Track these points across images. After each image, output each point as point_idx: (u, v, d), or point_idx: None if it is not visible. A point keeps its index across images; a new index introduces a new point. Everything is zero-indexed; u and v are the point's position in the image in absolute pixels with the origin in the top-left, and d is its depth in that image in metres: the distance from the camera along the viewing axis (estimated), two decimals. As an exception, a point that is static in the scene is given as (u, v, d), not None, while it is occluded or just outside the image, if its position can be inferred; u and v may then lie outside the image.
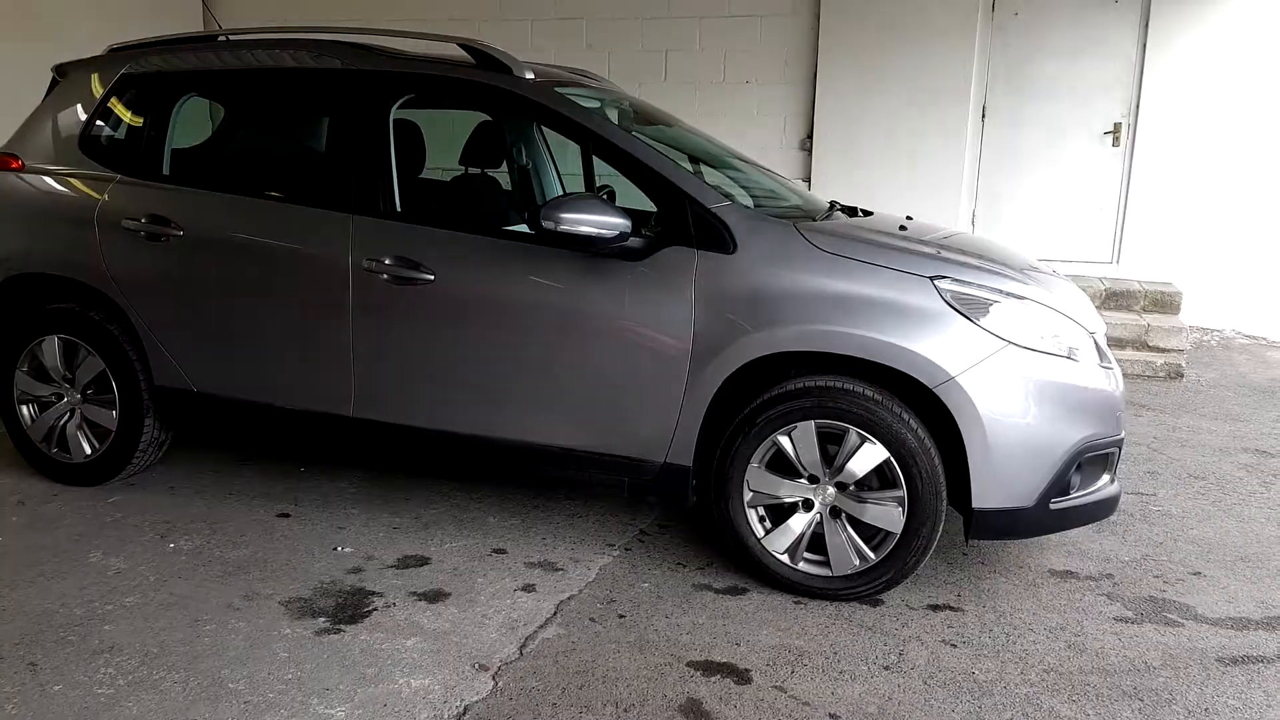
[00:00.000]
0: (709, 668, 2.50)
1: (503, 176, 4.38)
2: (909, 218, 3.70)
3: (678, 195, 2.94)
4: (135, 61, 3.60)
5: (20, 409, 3.66)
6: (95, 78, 3.66)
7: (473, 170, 4.04)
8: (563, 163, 4.74)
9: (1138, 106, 7.17)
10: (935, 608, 2.88)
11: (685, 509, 3.46)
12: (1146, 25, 7.07)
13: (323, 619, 2.70)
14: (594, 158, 3.60)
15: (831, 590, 2.88)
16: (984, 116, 7.51)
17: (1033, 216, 7.46)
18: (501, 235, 3.23)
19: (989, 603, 2.92)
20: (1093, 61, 7.24)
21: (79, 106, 3.65)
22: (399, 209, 3.23)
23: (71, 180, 3.54)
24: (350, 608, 2.77)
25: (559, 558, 3.16)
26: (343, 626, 2.66)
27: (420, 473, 3.85)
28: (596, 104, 3.53)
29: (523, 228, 3.99)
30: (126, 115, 3.59)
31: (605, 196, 3.37)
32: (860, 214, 3.54)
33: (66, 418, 3.61)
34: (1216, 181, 7.02)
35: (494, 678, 2.43)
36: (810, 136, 7.90)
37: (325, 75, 3.34)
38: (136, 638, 2.56)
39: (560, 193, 4.71)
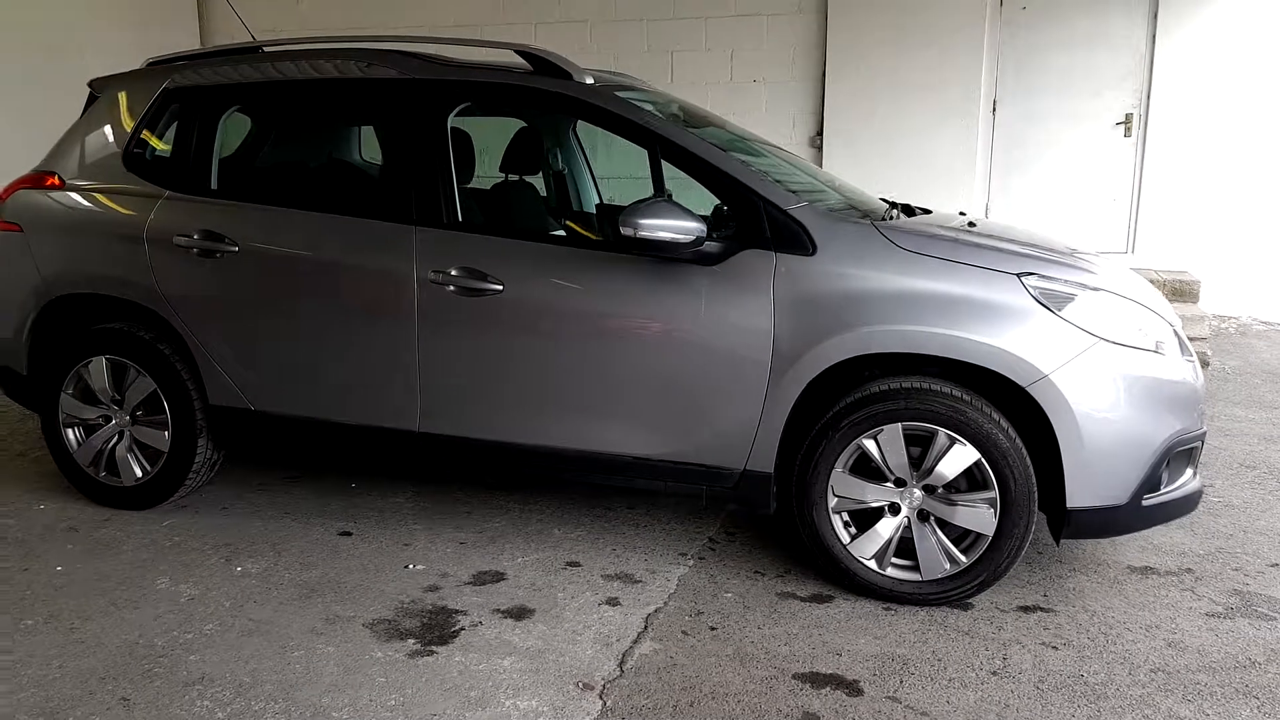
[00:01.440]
0: (816, 680, 2.46)
1: (537, 181, 4.32)
2: (963, 213, 3.67)
3: (753, 198, 2.90)
4: (177, 75, 3.52)
5: (66, 432, 3.57)
6: (135, 93, 3.57)
7: (512, 177, 3.99)
8: (604, 166, 4.69)
9: (1148, 97, 7.20)
10: (1026, 609, 2.85)
11: (765, 516, 3.41)
12: (1155, 16, 7.11)
13: (412, 640, 2.64)
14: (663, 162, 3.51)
15: (921, 595, 2.84)
16: (995, 110, 7.53)
17: (1046, 208, 7.47)
18: (570, 243, 3.17)
19: (1078, 602, 2.89)
20: (1102, 53, 7.27)
21: (119, 122, 3.56)
22: (461, 219, 3.17)
23: (117, 197, 3.45)
24: (437, 628, 2.71)
25: (635, 569, 3.11)
26: (434, 648, 2.60)
27: (473, 485, 3.79)
28: (649, 107, 3.48)
29: (560, 232, 3.95)
30: (171, 130, 3.50)
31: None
32: (919, 212, 3.51)
33: (115, 440, 3.52)
34: (1229, 169, 7.06)
35: (601, 697, 2.37)
36: (820, 133, 7.88)
37: (382, 85, 3.27)
38: (225, 667, 2.49)
39: (596, 197, 4.66)
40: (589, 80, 3.18)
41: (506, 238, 3.14)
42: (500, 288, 3.02)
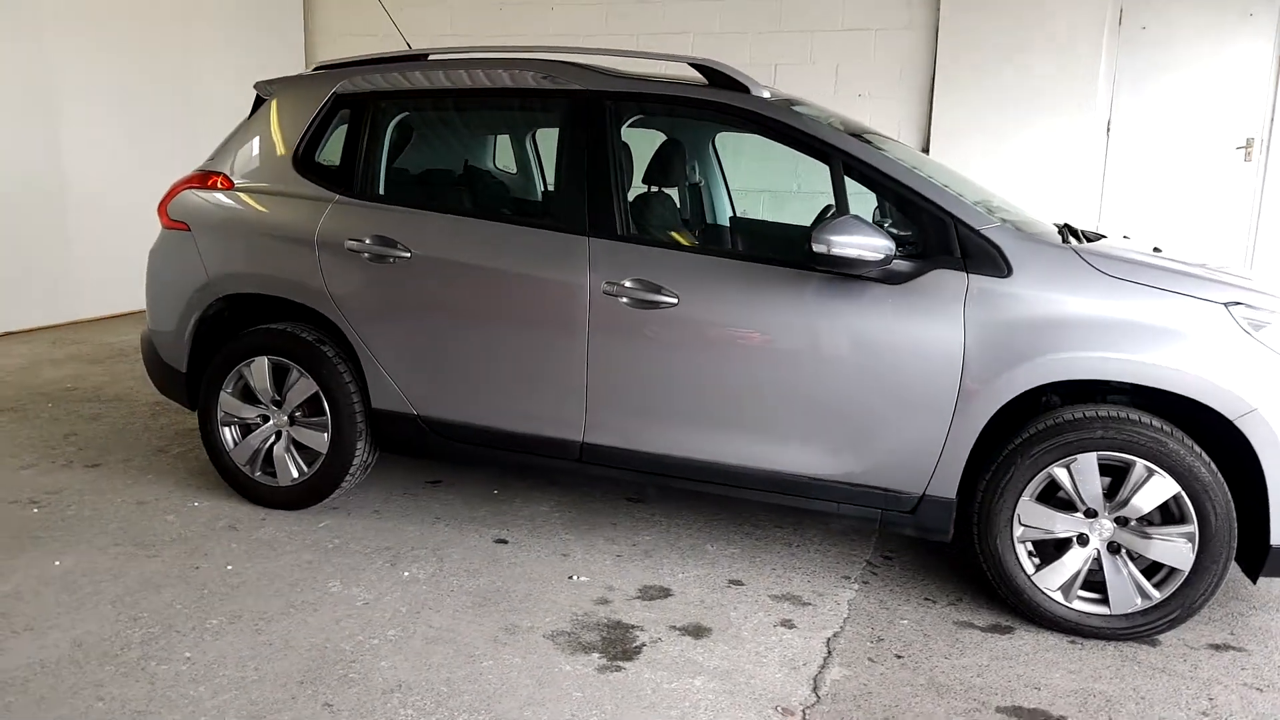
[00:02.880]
0: (1020, 714, 2.39)
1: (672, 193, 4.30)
2: (1126, 237, 3.58)
3: (943, 216, 2.85)
4: (347, 80, 3.56)
5: (223, 431, 3.62)
6: (304, 96, 3.62)
7: (653, 188, 3.97)
8: (744, 178, 4.67)
9: (1271, 121, 6.99)
10: (1216, 648, 2.75)
11: (921, 540, 3.35)
12: (1283, 38, 6.90)
13: (596, 655, 2.62)
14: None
15: (1109, 630, 2.76)
16: (1109, 131, 7.36)
17: (1161, 232, 7.26)
18: (747, 257, 3.14)
19: (1270, 642, 2.78)
20: (1224, 76, 7.06)
21: (288, 125, 3.61)
22: (633, 231, 3.16)
23: (287, 200, 3.50)
24: (618, 643, 2.69)
25: (800, 591, 3.06)
26: (621, 664, 2.58)
27: (612, 496, 3.78)
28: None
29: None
30: (340, 134, 3.55)
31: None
32: (1095, 237, 3.41)
33: (272, 440, 3.57)
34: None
35: (803, 722, 2.33)
36: (926, 150, 7.77)
37: (557, 96, 3.28)
38: (418, 675, 2.49)
39: (730, 209, 4.64)
40: (765, 94, 3.16)
41: (681, 250, 3.12)
42: (675, 301, 3.00)
